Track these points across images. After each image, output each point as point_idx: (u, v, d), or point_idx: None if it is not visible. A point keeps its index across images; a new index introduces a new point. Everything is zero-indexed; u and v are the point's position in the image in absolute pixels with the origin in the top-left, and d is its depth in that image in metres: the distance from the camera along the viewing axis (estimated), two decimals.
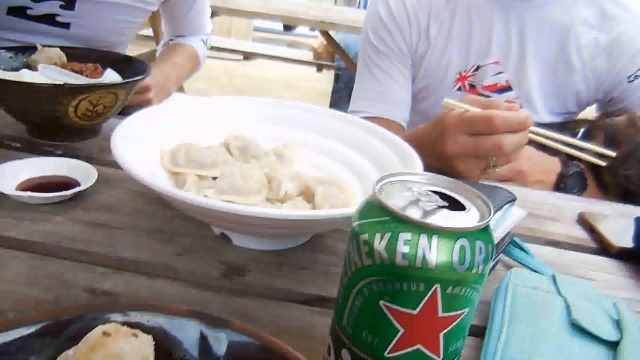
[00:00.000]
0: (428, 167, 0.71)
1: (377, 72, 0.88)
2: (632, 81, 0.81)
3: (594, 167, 0.78)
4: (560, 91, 0.86)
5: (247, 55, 3.28)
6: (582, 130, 0.82)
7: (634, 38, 0.81)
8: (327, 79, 3.79)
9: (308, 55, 3.13)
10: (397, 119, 0.89)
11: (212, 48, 3.20)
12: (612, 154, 0.64)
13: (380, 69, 0.88)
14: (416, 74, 0.91)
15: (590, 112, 0.94)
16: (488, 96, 0.88)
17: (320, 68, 2.98)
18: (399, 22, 0.87)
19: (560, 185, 0.74)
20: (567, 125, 0.87)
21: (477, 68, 0.86)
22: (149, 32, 2.99)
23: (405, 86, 0.90)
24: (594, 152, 0.65)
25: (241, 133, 0.56)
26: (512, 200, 0.49)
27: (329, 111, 0.61)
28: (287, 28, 2.27)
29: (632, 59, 0.81)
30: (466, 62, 0.86)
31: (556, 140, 0.64)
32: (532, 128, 0.60)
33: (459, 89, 0.89)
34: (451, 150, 0.61)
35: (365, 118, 0.88)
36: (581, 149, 0.66)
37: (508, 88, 0.87)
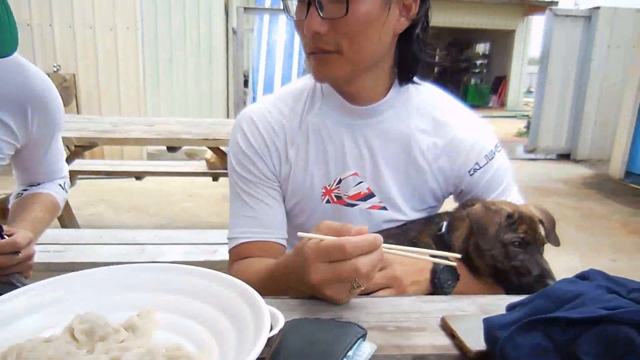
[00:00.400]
0: (300, 293, 0.73)
1: (248, 199, 0.91)
2: (472, 174, 0.91)
3: (465, 260, 0.84)
4: (417, 191, 0.93)
5: (140, 175, 3.22)
6: (445, 223, 0.89)
7: (465, 138, 0.91)
8: (226, 183, 3.82)
9: (202, 166, 3.15)
10: (276, 239, 0.90)
11: (106, 173, 3.13)
12: (458, 255, 0.69)
13: (249, 195, 0.91)
14: (285, 194, 0.95)
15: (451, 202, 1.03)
16: (355, 204, 0.93)
17: (215, 177, 3.01)
18: (258, 150, 0.91)
19: (435, 280, 0.78)
20: (432, 220, 0.94)
21: (340, 181, 0.91)
22: None
23: (277, 207, 0.93)
24: (442, 256, 0.70)
25: (89, 312, 0.53)
26: (363, 335, 0.51)
27: (186, 268, 0.61)
28: (172, 149, 2.29)
29: (468, 155, 0.91)
30: (328, 177, 0.91)
31: (407, 251, 0.69)
32: (385, 245, 0.64)
33: (328, 201, 0.93)
34: (315, 279, 0.64)
35: (245, 243, 0.90)
36: (432, 255, 0.71)
37: (371, 194, 0.93)
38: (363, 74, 0.84)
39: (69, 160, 2.55)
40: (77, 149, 2.22)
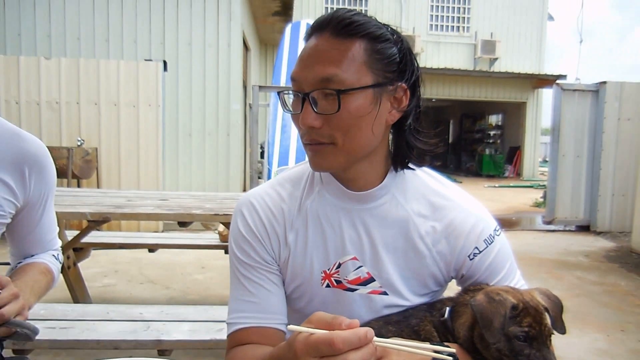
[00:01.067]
0: None
1: (247, 283, 0.90)
2: (472, 259, 0.89)
3: (470, 347, 0.81)
4: (418, 275, 0.91)
5: (154, 248, 3.24)
6: (447, 309, 0.87)
7: (463, 221, 0.90)
8: None
9: (215, 238, 3.17)
10: (275, 325, 0.89)
11: (119, 245, 3.17)
12: (452, 350, 0.67)
13: (249, 279, 0.90)
14: (284, 278, 0.94)
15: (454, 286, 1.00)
16: (355, 289, 0.92)
17: (227, 250, 3.01)
18: (257, 235, 0.91)
19: None
20: (434, 306, 0.91)
21: (339, 265, 0.91)
22: None
23: (277, 292, 0.92)
24: (440, 350, 0.68)
25: None
26: None
27: None
28: (183, 224, 2.32)
29: (466, 239, 0.89)
30: (328, 262, 0.91)
31: (401, 345, 0.66)
32: (377, 339, 0.63)
33: (327, 285, 0.92)
34: None
35: (244, 329, 0.87)
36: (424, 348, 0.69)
37: (371, 279, 0.91)
38: (358, 163, 0.86)
39: (83, 234, 2.60)
40: (91, 223, 2.26)
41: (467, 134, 19.12)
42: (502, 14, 14.96)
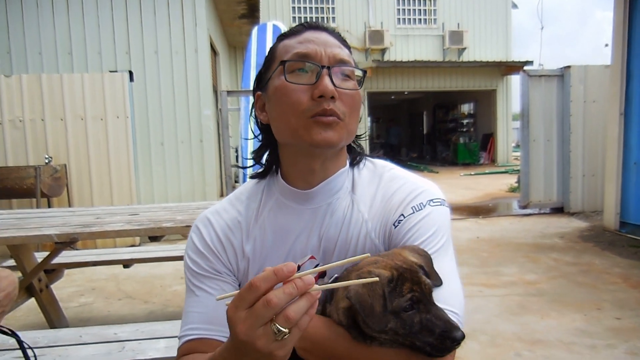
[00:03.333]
0: None
1: (199, 292, 0.90)
2: (397, 226, 0.88)
3: (359, 333, 0.75)
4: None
5: (129, 263, 3.18)
6: (335, 276, 0.84)
7: (398, 196, 0.91)
8: None
9: None
10: (220, 337, 0.87)
11: (93, 263, 3.10)
12: (376, 278, 0.63)
13: (200, 289, 0.90)
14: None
15: None
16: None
17: None
18: (212, 247, 0.92)
19: None
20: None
21: (299, 268, 0.90)
22: (12, 262, 2.84)
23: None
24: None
25: None
26: None
27: None
28: (154, 238, 2.27)
29: (397, 209, 0.89)
30: None
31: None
32: (298, 273, 0.59)
33: None
34: (240, 331, 0.59)
35: (193, 340, 0.86)
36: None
37: (324, 274, 0.92)
38: (338, 152, 0.91)
39: (52, 255, 2.53)
40: (58, 245, 2.20)
41: (441, 124, 19.35)
42: (467, 4, 15.17)
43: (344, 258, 0.89)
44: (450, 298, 0.80)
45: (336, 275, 0.85)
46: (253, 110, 0.97)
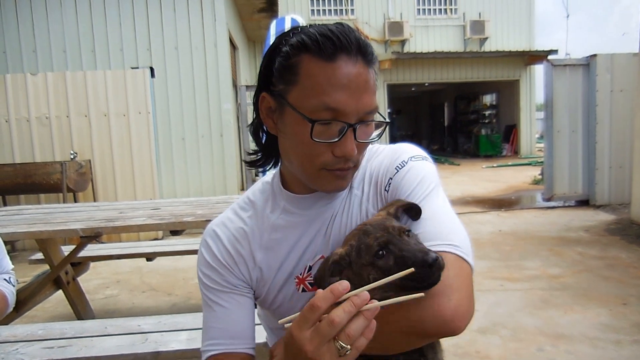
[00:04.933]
0: None
1: (216, 307, 0.91)
2: (388, 190, 0.88)
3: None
4: None
5: (152, 256, 3.25)
6: None
7: (382, 163, 0.92)
8: None
9: None
10: (243, 350, 0.90)
11: (117, 257, 3.17)
12: (411, 270, 0.63)
13: (217, 304, 0.91)
14: (261, 294, 0.95)
15: None
16: (327, 285, 0.93)
17: None
18: (222, 261, 0.92)
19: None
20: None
21: (310, 268, 0.92)
22: (40, 255, 2.92)
23: (244, 314, 0.92)
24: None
25: None
26: None
27: None
28: (175, 232, 2.32)
29: (384, 177, 0.90)
30: (298, 268, 0.92)
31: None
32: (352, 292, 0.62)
33: (303, 290, 0.93)
34: (308, 349, 0.62)
35: (214, 356, 0.88)
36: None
37: None
38: None
39: (78, 249, 2.60)
40: (83, 239, 2.26)
41: (463, 116, 19.08)
42: None
43: None
44: (448, 234, 0.78)
45: None
46: (254, 109, 0.92)
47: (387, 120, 0.86)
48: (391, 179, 0.88)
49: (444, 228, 0.80)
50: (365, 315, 0.61)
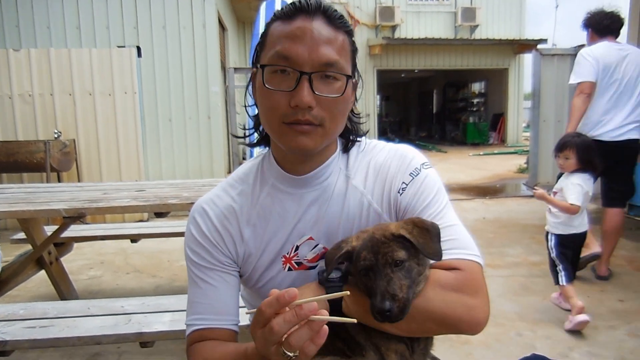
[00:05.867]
0: None
1: (202, 284, 0.92)
2: (402, 194, 0.92)
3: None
4: None
5: (137, 238, 3.23)
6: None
7: (391, 164, 0.95)
8: None
9: None
10: (226, 326, 0.91)
11: (101, 237, 3.15)
12: (347, 292, 0.72)
13: (203, 280, 0.92)
14: (247, 271, 0.96)
15: None
16: (315, 266, 0.95)
17: None
18: (210, 238, 0.93)
19: (320, 279, 0.86)
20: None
21: (297, 248, 0.94)
22: (22, 235, 2.89)
23: (230, 292, 0.94)
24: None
25: None
26: None
27: None
28: (160, 214, 2.30)
29: (395, 178, 0.94)
30: (286, 247, 0.94)
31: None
32: (297, 302, 0.65)
33: (289, 269, 0.95)
34: (259, 348, 0.68)
35: (199, 330, 0.90)
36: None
37: None
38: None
39: (61, 229, 2.58)
40: (66, 220, 2.24)
41: (451, 103, 19.14)
42: None
43: (349, 234, 0.93)
44: (468, 245, 0.88)
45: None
46: (249, 84, 0.96)
47: (349, 75, 0.85)
48: (405, 184, 0.92)
49: (464, 238, 0.89)
50: (310, 326, 0.63)
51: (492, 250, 4.16)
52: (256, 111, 0.95)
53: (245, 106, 1.06)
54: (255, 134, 1.00)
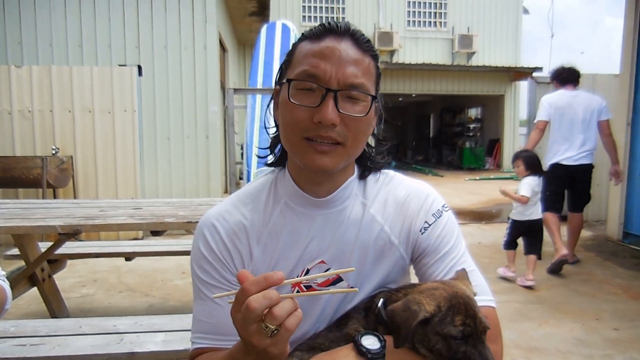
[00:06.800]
0: None
1: (208, 302, 0.90)
2: (423, 233, 0.94)
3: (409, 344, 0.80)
4: (383, 266, 0.94)
5: (131, 256, 3.21)
6: (381, 300, 0.87)
7: (413, 201, 0.96)
8: None
9: None
10: (229, 346, 0.86)
11: (95, 255, 3.13)
12: (355, 289, 0.75)
13: (210, 299, 0.90)
14: None
15: None
16: (326, 290, 0.94)
17: None
18: (219, 255, 0.91)
19: (360, 348, 0.77)
20: (368, 305, 0.91)
21: (307, 272, 0.92)
22: (16, 251, 2.87)
23: None
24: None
25: None
26: None
27: None
28: (156, 233, 2.30)
29: (417, 216, 0.94)
30: (297, 269, 0.92)
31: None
32: (288, 280, 0.69)
33: (298, 291, 0.93)
34: (238, 328, 0.68)
35: (201, 348, 0.89)
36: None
37: (339, 279, 0.94)
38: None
39: (56, 245, 2.56)
40: (62, 236, 2.23)
41: (448, 128, 19.29)
42: (478, 8, 15.11)
43: (362, 261, 0.93)
44: (486, 291, 0.92)
45: (385, 297, 0.87)
46: (271, 102, 0.95)
47: (374, 96, 0.86)
48: (428, 224, 0.94)
49: (482, 283, 0.93)
50: (292, 300, 0.65)
51: (488, 275, 4.14)
52: (272, 131, 0.96)
53: (265, 127, 1.04)
54: (270, 156, 0.99)
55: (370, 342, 0.77)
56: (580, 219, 4.55)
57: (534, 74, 9.76)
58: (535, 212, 3.93)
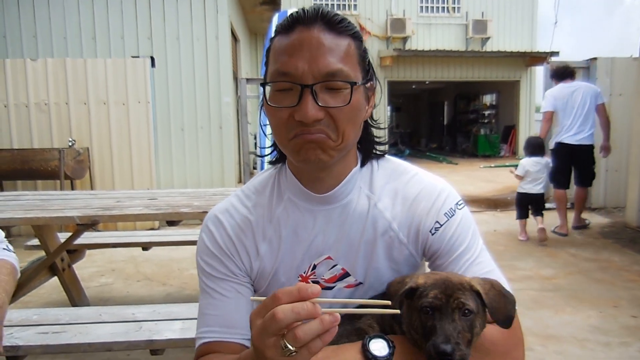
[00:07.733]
0: None
1: (214, 295, 0.90)
2: (434, 233, 0.90)
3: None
4: (391, 262, 0.92)
5: (147, 246, 3.26)
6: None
7: (425, 197, 0.91)
8: None
9: None
10: (238, 340, 0.88)
11: (113, 245, 3.19)
12: (388, 302, 0.65)
13: (215, 291, 0.90)
14: (262, 286, 0.94)
15: None
16: (333, 286, 0.93)
17: None
18: (225, 250, 0.91)
19: (366, 353, 0.74)
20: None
21: (314, 267, 0.91)
22: (36, 241, 2.93)
23: (242, 304, 0.91)
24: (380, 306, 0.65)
25: None
26: None
27: None
28: (172, 223, 2.33)
29: (428, 215, 0.90)
30: (303, 265, 0.92)
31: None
32: (320, 299, 0.59)
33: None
34: (254, 337, 0.61)
35: (208, 343, 0.87)
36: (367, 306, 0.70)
37: (346, 274, 0.93)
38: (340, 159, 0.87)
39: (75, 236, 2.61)
40: (80, 226, 2.27)
41: (462, 115, 19.08)
42: None
43: (370, 256, 0.91)
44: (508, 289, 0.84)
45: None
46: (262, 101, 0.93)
47: (353, 83, 0.79)
48: (440, 224, 0.90)
49: (504, 282, 0.86)
50: (322, 321, 0.57)
51: (503, 263, 4.13)
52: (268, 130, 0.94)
53: (260, 125, 1.01)
54: (276, 152, 0.96)
55: (379, 347, 0.75)
56: (583, 192, 5.26)
57: (551, 59, 9.57)
58: (533, 188, 4.78)
